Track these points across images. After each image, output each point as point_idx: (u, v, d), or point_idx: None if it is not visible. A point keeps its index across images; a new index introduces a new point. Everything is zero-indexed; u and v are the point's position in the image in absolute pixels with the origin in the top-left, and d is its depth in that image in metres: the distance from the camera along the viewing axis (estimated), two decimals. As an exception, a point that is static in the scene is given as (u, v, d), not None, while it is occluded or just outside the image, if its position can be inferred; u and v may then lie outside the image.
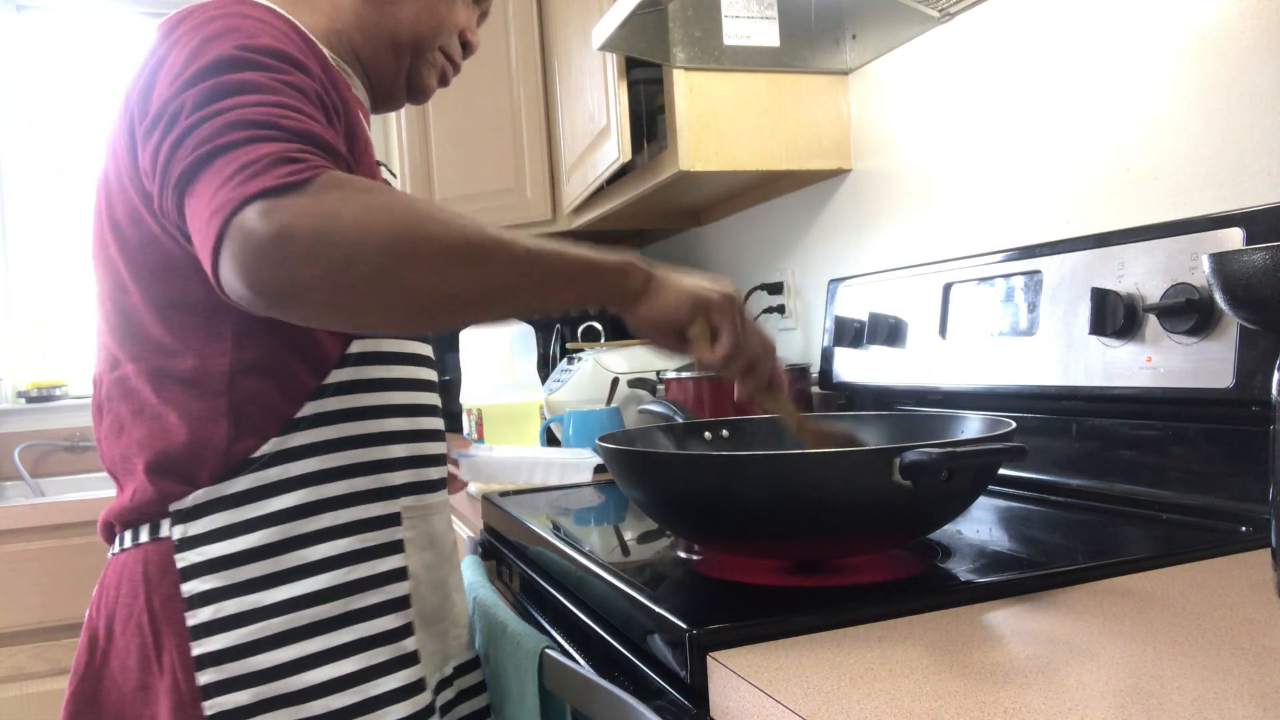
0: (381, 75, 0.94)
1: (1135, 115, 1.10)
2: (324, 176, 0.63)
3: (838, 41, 1.57)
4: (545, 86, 2.24)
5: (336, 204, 0.62)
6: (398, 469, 0.85)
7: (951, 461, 0.67)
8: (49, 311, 2.81)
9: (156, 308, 0.77)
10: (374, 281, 0.62)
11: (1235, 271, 0.67)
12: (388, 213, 0.63)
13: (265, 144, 0.63)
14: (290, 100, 0.68)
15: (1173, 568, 0.74)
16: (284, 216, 0.60)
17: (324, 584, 0.78)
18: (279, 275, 0.60)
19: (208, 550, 0.77)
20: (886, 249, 1.59)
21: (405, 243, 0.63)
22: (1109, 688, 0.51)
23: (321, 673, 0.77)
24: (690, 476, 0.76)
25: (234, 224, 0.60)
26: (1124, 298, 0.97)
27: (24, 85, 2.80)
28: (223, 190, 0.61)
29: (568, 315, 2.54)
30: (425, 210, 0.66)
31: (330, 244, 0.60)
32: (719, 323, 0.78)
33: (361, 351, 0.83)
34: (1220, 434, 0.90)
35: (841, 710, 0.51)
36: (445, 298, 0.66)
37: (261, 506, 0.78)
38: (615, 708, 0.70)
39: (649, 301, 0.77)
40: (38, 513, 2.11)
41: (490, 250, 0.67)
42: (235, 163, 0.62)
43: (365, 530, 0.81)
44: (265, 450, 0.78)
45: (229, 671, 0.75)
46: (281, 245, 0.60)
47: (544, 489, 1.39)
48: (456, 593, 0.94)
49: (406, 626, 0.82)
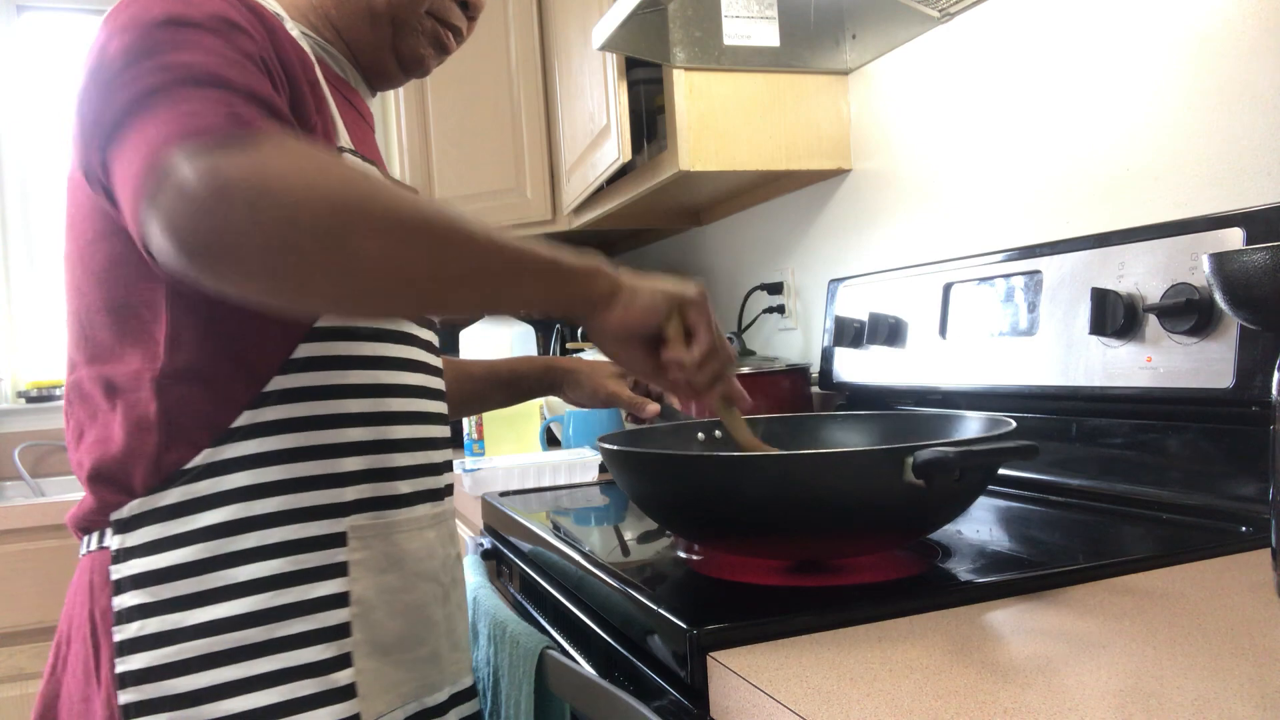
0: (365, 49, 0.90)
1: (1135, 115, 1.10)
2: (271, 133, 0.58)
3: (838, 41, 1.57)
4: (545, 86, 2.24)
5: (283, 160, 0.56)
6: (348, 484, 0.78)
7: (966, 460, 0.67)
8: (49, 311, 2.81)
9: (103, 310, 0.74)
10: (320, 246, 0.55)
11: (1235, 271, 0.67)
12: (339, 177, 0.58)
13: (209, 90, 0.59)
14: (234, 56, 0.65)
15: (1173, 568, 0.74)
16: (223, 166, 0.54)
17: (248, 608, 0.73)
18: (212, 231, 0.53)
19: (139, 564, 0.73)
20: (886, 249, 1.59)
21: (356, 208, 0.57)
22: (1109, 687, 0.51)
23: (239, 702, 0.72)
24: (697, 476, 0.75)
25: (166, 173, 0.54)
26: (1124, 298, 0.97)
27: (24, 85, 2.80)
28: (157, 137, 0.57)
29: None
30: (378, 180, 0.62)
31: (273, 199, 0.54)
32: (695, 321, 0.74)
33: (310, 356, 0.76)
34: (1220, 434, 0.90)
35: (841, 710, 0.51)
36: (396, 274, 0.59)
37: (191, 521, 0.73)
38: (615, 708, 0.70)
39: (619, 307, 0.72)
40: (38, 513, 2.11)
41: (449, 230, 0.61)
42: (173, 110, 0.58)
43: (299, 551, 0.75)
44: (197, 461, 0.73)
45: (147, 693, 0.72)
46: (217, 197, 0.53)
47: (544, 489, 1.39)
48: (451, 616, 0.88)
49: (342, 658, 0.76)
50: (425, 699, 0.83)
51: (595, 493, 1.33)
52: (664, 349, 0.75)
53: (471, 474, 1.44)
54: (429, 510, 0.86)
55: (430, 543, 0.86)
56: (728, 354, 0.78)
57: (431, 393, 0.89)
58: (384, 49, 0.90)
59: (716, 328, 0.76)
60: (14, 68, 2.79)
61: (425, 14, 0.89)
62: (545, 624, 0.99)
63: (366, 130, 0.92)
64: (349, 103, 0.89)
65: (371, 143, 0.93)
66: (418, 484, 0.85)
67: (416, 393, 0.86)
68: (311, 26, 0.87)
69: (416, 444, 0.85)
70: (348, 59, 0.91)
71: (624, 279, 0.73)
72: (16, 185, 2.78)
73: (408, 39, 0.90)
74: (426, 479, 0.86)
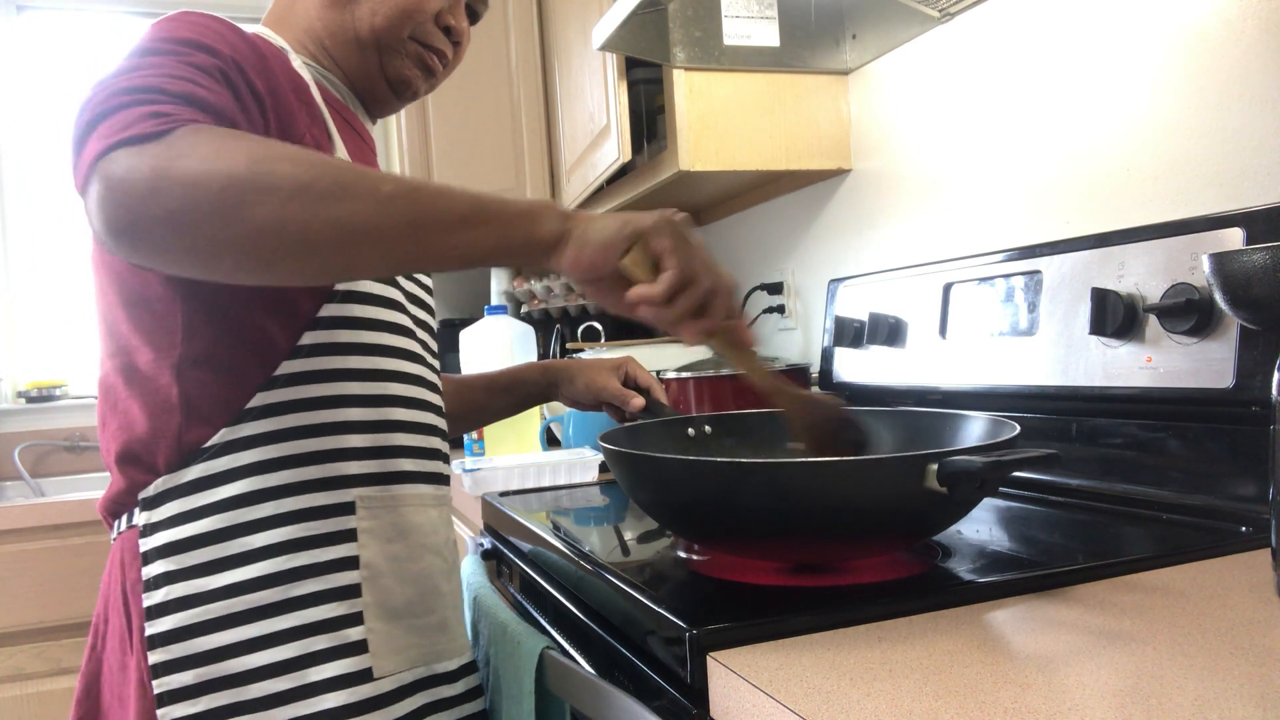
0: (358, 76, 0.95)
1: (1136, 115, 1.10)
2: (186, 126, 0.64)
3: (838, 41, 1.57)
4: (545, 86, 2.24)
5: (186, 147, 0.62)
6: (353, 459, 0.84)
7: (993, 471, 0.66)
8: (49, 311, 2.82)
9: (123, 305, 0.81)
10: (216, 218, 0.61)
11: (1235, 271, 0.67)
12: (241, 153, 0.62)
13: (144, 105, 0.66)
14: (181, 71, 0.71)
15: (1173, 568, 0.74)
16: (134, 160, 0.62)
17: (265, 570, 0.79)
18: (125, 214, 0.61)
19: (164, 535, 0.80)
20: (886, 249, 1.59)
21: (252, 178, 0.61)
22: (1109, 687, 0.51)
23: (259, 657, 0.78)
24: (706, 482, 0.74)
25: (96, 171, 0.62)
26: (1124, 298, 0.97)
27: (24, 85, 2.80)
28: (94, 145, 0.64)
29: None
30: (285, 150, 0.64)
31: (171, 181, 0.61)
32: (660, 249, 0.67)
33: (314, 343, 0.83)
34: (1220, 434, 0.90)
35: (841, 710, 0.51)
36: (296, 236, 0.62)
37: (211, 494, 0.80)
38: (615, 708, 0.70)
39: (572, 248, 0.67)
40: (38, 513, 2.11)
41: (350, 185, 0.63)
42: (114, 122, 0.64)
43: (311, 519, 0.81)
44: (216, 440, 0.80)
45: (175, 652, 0.78)
46: (126, 185, 0.61)
47: (544, 489, 1.39)
48: (455, 592, 0.94)
49: (353, 616, 0.82)
50: (435, 665, 0.89)
51: (595, 493, 1.33)
52: (625, 285, 0.69)
53: (471, 474, 1.44)
54: (432, 490, 0.92)
55: (434, 520, 0.92)
56: (715, 282, 0.69)
57: (429, 384, 0.94)
58: (374, 74, 0.95)
59: (697, 256, 0.68)
60: (14, 68, 2.79)
61: (408, 38, 0.93)
62: (545, 624, 0.99)
63: (367, 151, 0.97)
64: (349, 125, 0.94)
65: (373, 163, 0.97)
66: (420, 464, 0.91)
67: (414, 380, 0.91)
68: (312, 57, 0.93)
69: (416, 428, 0.91)
70: (346, 86, 0.96)
71: (575, 216, 0.68)
72: (17, 185, 2.78)
73: (393, 62, 0.94)
74: (428, 462, 0.92)
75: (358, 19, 0.91)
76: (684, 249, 0.68)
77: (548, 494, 1.34)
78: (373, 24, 0.91)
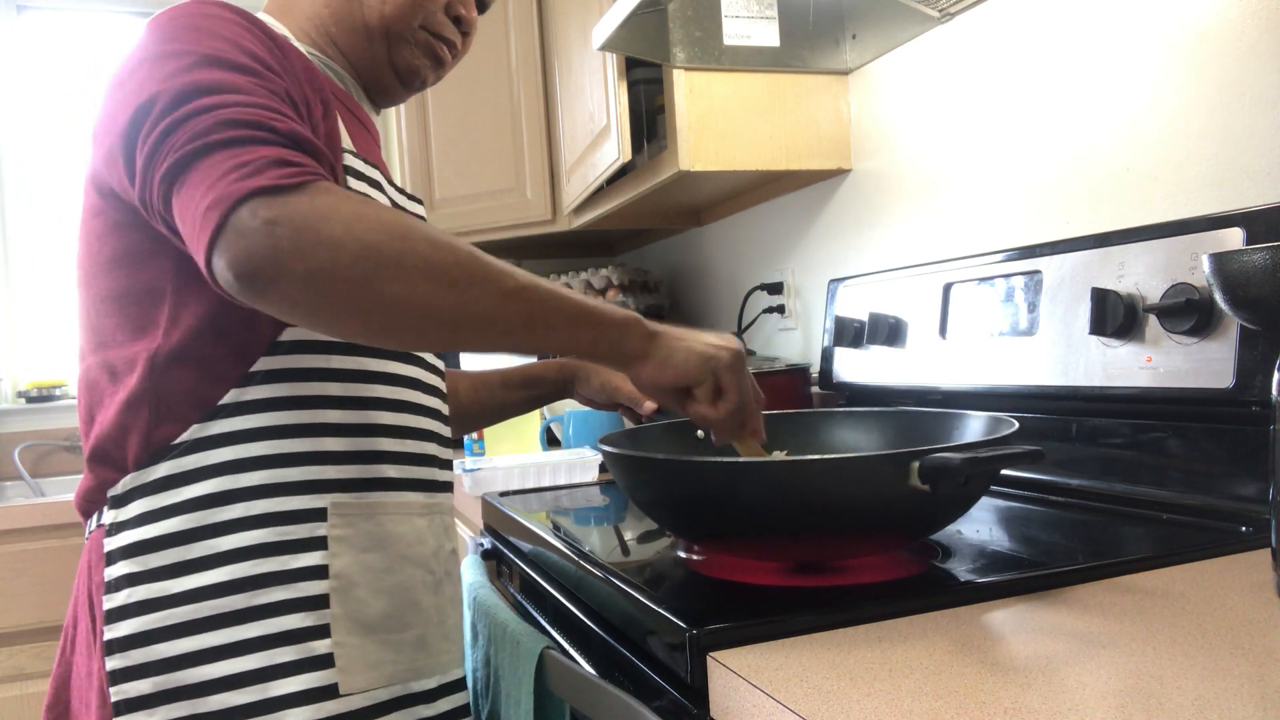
0: (364, 65, 0.93)
1: (1135, 115, 1.10)
2: (319, 182, 0.65)
3: (838, 41, 1.57)
4: (545, 86, 2.24)
5: (328, 208, 0.64)
6: (330, 462, 0.80)
7: (973, 467, 0.67)
8: (49, 311, 2.82)
9: (105, 299, 0.79)
10: (354, 286, 0.63)
11: (1235, 271, 0.67)
12: (378, 222, 0.65)
13: (260, 146, 0.66)
14: (273, 103, 0.70)
15: (1173, 568, 0.74)
16: (278, 214, 0.62)
17: (230, 575, 0.76)
18: (266, 269, 0.62)
19: (129, 535, 0.77)
20: (886, 249, 1.59)
21: (390, 253, 0.64)
22: (1109, 688, 0.51)
23: (220, 667, 0.75)
24: (700, 482, 0.75)
25: (231, 218, 0.62)
26: (1124, 298, 0.97)
27: (24, 85, 2.80)
28: (219, 185, 0.63)
29: None
30: (416, 227, 0.67)
31: (318, 243, 0.62)
32: (727, 384, 0.79)
33: (294, 340, 0.80)
34: (1220, 434, 0.90)
35: (841, 710, 0.51)
36: (422, 315, 0.66)
37: (178, 493, 0.77)
38: (615, 708, 0.70)
39: (654, 363, 0.77)
40: (38, 513, 2.11)
41: (477, 276, 0.67)
42: (232, 160, 0.64)
43: (280, 524, 0.78)
44: (185, 437, 0.77)
45: (133, 659, 0.75)
46: (272, 240, 0.62)
47: (544, 489, 1.39)
48: (442, 607, 0.88)
49: (320, 628, 0.78)
50: (412, 684, 0.84)
51: (595, 493, 1.33)
52: (691, 402, 0.80)
53: (471, 474, 1.44)
54: (421, 498, 0.88)
55: (420, 530, 0.87)
56: (754, 406, 0.82)
57: (424, 386, 0.90)
58: (381, 63, 0.94)
59: (747, 386, 0.80)
60: (14, 68, 2.79)
61: (418, 27, 0.93)
62: (545, 624, 0.99)
63: (371, 142, 0.95)
64: (353, 115, 0.92)
65: (376, 153, 0.95)
66: (407, 470, 0.86)
67: (403, 382, 0.87)
68: (315, 44, 0.91)
69: (403, 432, 0.87)
70: (350, 75, 0.94)
71: (660, 335, 0.77)
72: (17, 185, 2.78)
73: (402, 52, 0.93)
74: (416, 468, 0.88)
75: (367, 7, 0.90)
76: (743, 383, 0.80)
77: (548, 494, 1.34)
78: (383, 12, 0.90)
